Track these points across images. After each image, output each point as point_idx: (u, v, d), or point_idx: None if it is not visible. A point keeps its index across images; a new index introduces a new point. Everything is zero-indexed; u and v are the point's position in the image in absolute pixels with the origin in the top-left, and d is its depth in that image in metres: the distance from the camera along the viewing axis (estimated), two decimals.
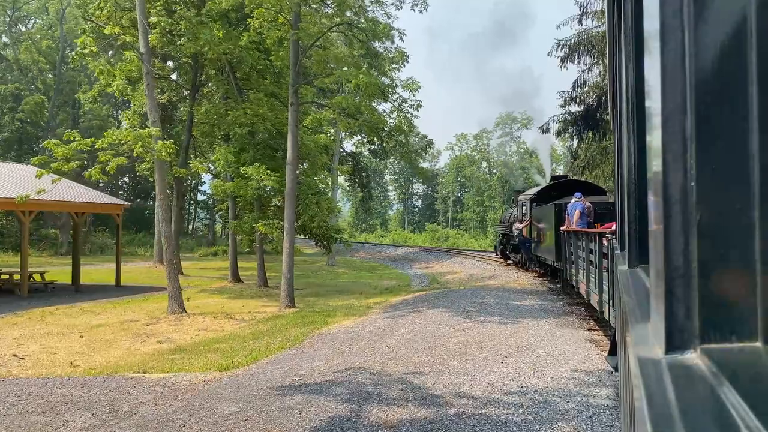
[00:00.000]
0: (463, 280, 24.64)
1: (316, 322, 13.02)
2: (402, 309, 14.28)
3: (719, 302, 0.68)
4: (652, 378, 0.76)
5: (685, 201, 0.70)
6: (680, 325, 0.72)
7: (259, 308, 16.87)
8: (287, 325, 12.88)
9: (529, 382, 7.42)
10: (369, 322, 12.61)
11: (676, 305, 0.72)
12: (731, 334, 0.67)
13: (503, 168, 74.36)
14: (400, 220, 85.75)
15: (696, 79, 0.68)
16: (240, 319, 14.58)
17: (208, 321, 14.11)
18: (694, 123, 0.68)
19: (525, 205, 21.97)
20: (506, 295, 16.16)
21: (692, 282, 0.70)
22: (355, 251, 52.11)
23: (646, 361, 0.84)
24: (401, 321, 12.25)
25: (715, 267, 0.68)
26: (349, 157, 45.44)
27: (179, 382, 8.07)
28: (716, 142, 0.67)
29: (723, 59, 0.66)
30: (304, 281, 26.73)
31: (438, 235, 65.04)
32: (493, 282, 21.12)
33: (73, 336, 12.47)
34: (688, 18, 0.69)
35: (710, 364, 0.66)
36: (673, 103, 0.72)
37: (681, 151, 0.71)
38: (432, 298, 16.04)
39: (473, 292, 17.17)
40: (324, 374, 7.89)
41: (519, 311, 13.09)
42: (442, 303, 14.64)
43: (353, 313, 14.45)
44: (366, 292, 21.28)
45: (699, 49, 0.68)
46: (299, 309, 15.88)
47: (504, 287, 18.55)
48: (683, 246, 0.71)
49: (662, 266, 0.74)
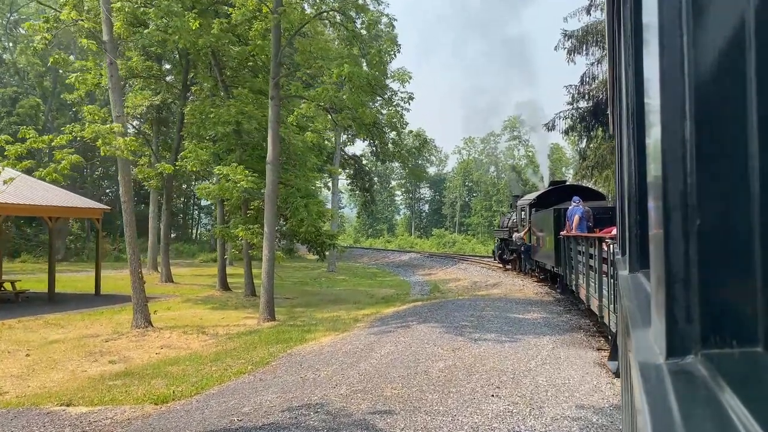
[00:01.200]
0: (465, 288, 23.24)
1: (292, 339, 11.62)
2: (390, 323, 12.84)
3: (720, 307, 0.68)
4: (653, 383, 0.76)
5: (685, 206, 0.70)
6: (681, 330, 0.72)
7: (239, 321, 15.50)
8: (258, 343, 11.49)
9: (522, 425, 5.94)
10: (349, 339, 11.18)
11: (676, 310, 0.73)
12: (732, 340, 0.67)
13: (511, 172, 72.61)
14: (407, 225, 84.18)
15: (695, 82, 0.68)
16: (212, 334, 13.22)
17: (174, 337, 12.75)
18: (693, 127, 0.69)
19: (524, 210, 21.81)
20: (508, 306, 14.68)
21: (693, 287, 0.70)
22: (359, 257, 51.01)
23: (647, 366, 0.84)
24: (385, 339, 10.80)
25: (716, 272, 0.68)
26: (351, 160, 43.96)
27: (99, 421, 6.71)
28: (716, 146, 0.67)
29: (722, 63, 0.66)
30: (299, 289, 25.44)
31: (445, 241, 63.56)
32: (497, 291, 19.68)
33: (19, 355, 11.18)
34: (687, 21, 0.69)
35: (711, 369, 0.66)
36: (672, 107, 0.73)
37: (680, 155, 0.71)
38: (426, 310, 14.59)
39: (472, 302, 15.70)
40: (271, 413, 6.46)
41: (520, 326, 11.62)
42: (436, 316, 13.19)
43: (337, 327, 13.03)
44: (360, 301, 19.90)
45: (698, 52, 0.68)
46: (279, 323, 14.50)
47: (506, 297, 17.08)
48: (683, 251, 0.71)
49: (662, 271, 0.75)
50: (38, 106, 43.15)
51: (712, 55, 0.66)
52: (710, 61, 0.67)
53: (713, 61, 0.67)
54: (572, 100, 24.57)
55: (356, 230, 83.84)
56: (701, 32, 0.67)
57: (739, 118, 0.64)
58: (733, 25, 0.64)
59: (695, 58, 0.68)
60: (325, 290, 25.04)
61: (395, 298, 20.93)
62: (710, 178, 0.67)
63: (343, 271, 37.11)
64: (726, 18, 0.65)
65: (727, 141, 0.66)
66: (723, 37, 0.65)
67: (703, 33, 0.67)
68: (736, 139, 0.64)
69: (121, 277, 30.64)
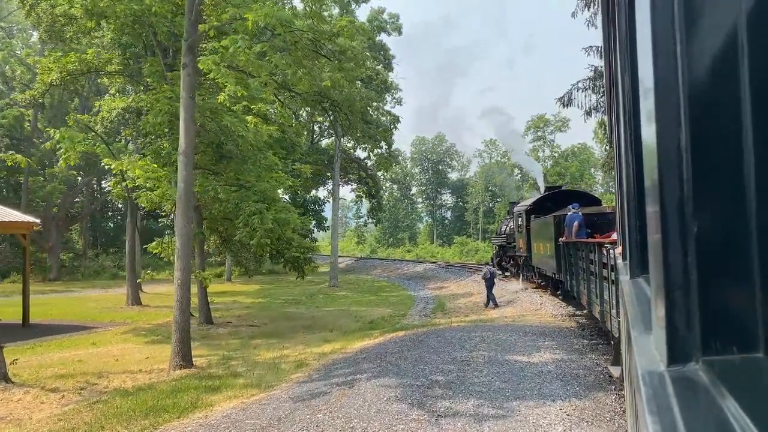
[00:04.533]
0: (474, 306, 19.70)
1: (178, 406, 8.03)
2: (335, 375, 9.17)
3: (720, 313, 0.67)
4: (655, 390, 0.76)
5: (683, 212, 0.70)
6: (681, 337, 0.71)
7: (163, 362, 11.77)
8: (126, 413, 7.80)
9: None
10: (255, 409, 7.48)
11: (677, 317, 0.72)
12: (733, 346, 0.66)
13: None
14: (428, 234, 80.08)
15: (690, 88, 0.68)
16: (91, 390, 9.69)
17: (27, 399, 9.13)
18: (689, 133, 0.68)
19: (521, 217, 21.67)
20: (512, 340, 10.85)
21: (692, 294, 0.69)
22: (372, 269, 48.24)
23: (649, 373, 0.83)
24: (302, 413, 6.95)
25: (715, 278, 0.67)
26: (354, 164, 40.10)
27: None
28: (711, 151, 0.66)
29: (716, 68, 0.66)
30: (280, 311, 22.06)
31: (467, 248, 59.57)
32: (509, 311, 16.05)
33: None
34: (680, 27, 0.69)
35: (712, 376, 0.65)
36: (668, 113, 0.72)
37: (677, 161, 0.70)
38: (398, 348, 10.78)
39: (467, 333, 11.86)
40: None
41: (520, 380, 7.84)
42: (404, 362, 9.42)
43: (262, 381, 9.39)
44: (339, 328, 16.33)
45: (692, 58, 0.68)
46: (196, 370, 10.87)
47: (515, 323, 13.23)
48: (682, 257, 0.70)
49: (662, 278, 0.74)
50: (21, 116, 40.56)
51: (707, 61, 0.66)
52: (704, 66, 0.67)
53: (707, 67, 0.66)
54: (594, 77, 19.80)
55: (376, 240, 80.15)
56: (695, 38, 0.67)
57: (734, 123, 0.63)
58: (726, 31, 0.64)
59: (689, 63, 0.68)
60: (310, 312, 21.42)
61: (383, 323, 17.21)
62: (707, 184, 0.67)
63: (348, 286, 33.80)
64: (719, 24, 0.65)
65: (723, 146, 0.65)
66: (716, 42, 0.65)
67: (696, 39, 0.67)
68: (732, 145, 0.64)
69: (96, 297, 27.49)
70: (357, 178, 40.30)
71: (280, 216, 15.78)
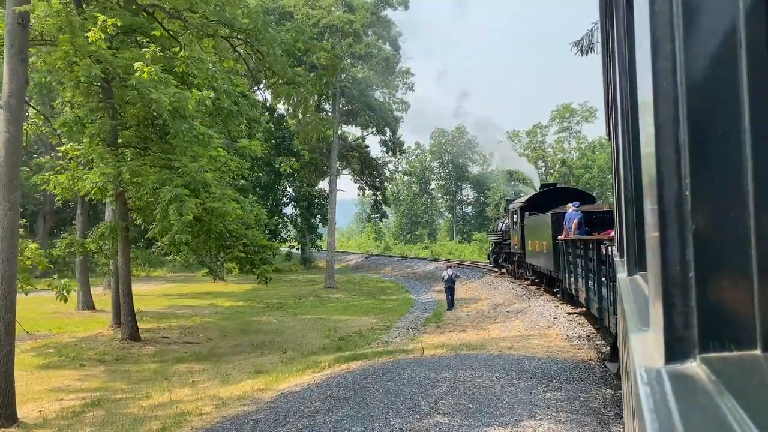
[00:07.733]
0: (476, 316, 17.42)
1: None
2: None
3: (717, 311, 0.67)
4: (653, 388, 0.75)
5: (681, 210, 0.69)
6: (679, 334, 0.71)
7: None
8: None
9: None
10: None
11: (674, 315, 0.71)
12: (730, 343, 0.66)
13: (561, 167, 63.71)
14: (448, 230, 76.21)
15: (687, 87, 0.68)
16: None
17: None
18: (687, 131, 0.68)
19: (516, 214, 21.61)
20: (496, 390, 7.36)
21: (690, 291, 0.69)
22: (381, 267, 45.48)
23: (647, 370, 0.82)
24: None
25: (712, 275, 0.67)
26: (354, 152, 36.52)
27: None
28: (709, 150, 0.66)
29: (714, 67, 0.65)
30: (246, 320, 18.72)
31: (487, 246, 55.66)
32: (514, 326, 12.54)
33: None
34: (678, 27, 0.69)
35: (710, 373, 0.65)
36: (666, 112, 0.72)
37: (675, 159, 0.70)
38: (332, 398, 7.42)
39: (436, 373, 8.37)
40: None
41: None
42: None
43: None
44: (299, 347, 13.64)
45: (689, 57, 0.67)
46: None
47: (513, 352, 9.84)
48: (680, 255, 0.70)
49: (659, 276, 0.73)
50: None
51: (704, 60, 0.66)
52: (702, 65, 0.66)
53: (705, 66, 0.66)
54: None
55: (393, 235, 76.62)
56: (692, 37, 0.67)
57: (731, 121, 0.63)
58: (723, 30, 0.63)
59: (687, 63, 0.67)
60: (280, 323, 18.18)
61: (357, 339, 14.32)
62: (705, 182, 0.66)
63: (347, 287, 31.07)
64: (717, 23, 0.65)
65: (721, 145, 0.65)
66: (714, 41, 0.65)
67: (694, 38, 0.67)
68: (730, 143, 0.64)
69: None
70: (360, 169, 36.81)
71: (214, 206, 12.43)
